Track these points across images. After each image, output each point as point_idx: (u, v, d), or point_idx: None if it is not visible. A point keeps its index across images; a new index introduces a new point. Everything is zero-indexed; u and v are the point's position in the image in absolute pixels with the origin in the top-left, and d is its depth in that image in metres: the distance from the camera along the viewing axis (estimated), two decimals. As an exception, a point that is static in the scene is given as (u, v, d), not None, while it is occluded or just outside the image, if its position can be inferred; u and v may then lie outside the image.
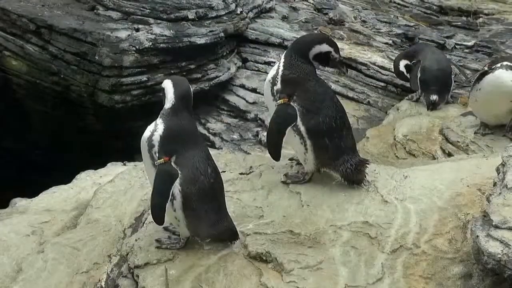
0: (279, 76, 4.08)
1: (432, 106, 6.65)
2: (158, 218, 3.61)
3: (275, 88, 4.09)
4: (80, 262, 4.05)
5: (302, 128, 3.99)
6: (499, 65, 5.37)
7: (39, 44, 7.30)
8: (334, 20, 8.99)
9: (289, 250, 3.64)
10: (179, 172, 3.55)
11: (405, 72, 7.05)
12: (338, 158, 4.03)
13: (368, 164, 4.10)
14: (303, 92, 4.00)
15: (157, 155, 3.56)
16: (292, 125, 3.99)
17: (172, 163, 3.55)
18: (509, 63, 5.33)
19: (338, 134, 4.02)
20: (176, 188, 3.55)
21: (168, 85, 3.69)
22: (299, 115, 3.98)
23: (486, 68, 5.53)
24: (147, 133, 3.62)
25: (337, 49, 4.13)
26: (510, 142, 5.33)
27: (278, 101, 4.04)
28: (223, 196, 3.73)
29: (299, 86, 4.02)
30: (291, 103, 4.00)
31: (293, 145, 4.12)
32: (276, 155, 4.10)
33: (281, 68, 4.10)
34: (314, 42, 4.13)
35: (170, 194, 3.54)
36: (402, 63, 7.08)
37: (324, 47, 4.09)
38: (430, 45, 7.45)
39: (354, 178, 4.07)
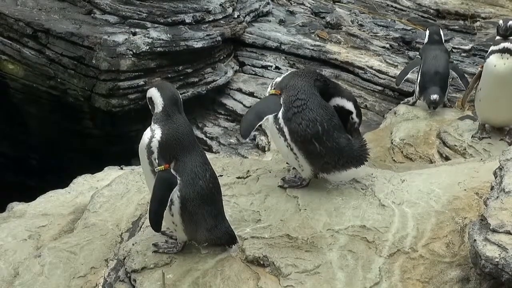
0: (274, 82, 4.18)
1: (434, 105, 6.65)
2: (156, 224, 3.62)
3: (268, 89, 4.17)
4: (77, 266, 4.04)
5: (285, 130, 3.95)
6: (489, 51, 5.48)
7: (36, 48, 7.30)
8: (331, 24, 9.00)
9: (287, 254, 3.63)
10: (178, 178, 3.56)
11: None
12: (337, 161, 3.99)
13: (364, 140, 4.10)
14: (289, 88, 4.01)
15: (156, 161, 3.56)
16: (274, 120, 3.98)
17: (171, 170, 3.55)
18: (495, 47, 5.41)
19: (329, 137, 3.93)
20: (175, 193, 3.55)
21: (153, 91, 3.69)
22: (281, 110, 3.97)
23: (480, 69, 5.59)
24: (145, 139, 3.61)
25: (359, 114, 4.12)
26: (507, 146, 5.34)
27: (268, 91, 4.12)
28: (221, 201, 3.73)
29: (288, 82, 4.04)
30: (280, 97, 4.02)
31: (282, 151, 4.08)
32: (245, 133, 4.13)
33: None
34: (340, 94, 4.13)
35: (169, 200, 3.55)
36: None
37: (349, 106, 4.08)
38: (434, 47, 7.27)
39: (362, 158, 4.05)
